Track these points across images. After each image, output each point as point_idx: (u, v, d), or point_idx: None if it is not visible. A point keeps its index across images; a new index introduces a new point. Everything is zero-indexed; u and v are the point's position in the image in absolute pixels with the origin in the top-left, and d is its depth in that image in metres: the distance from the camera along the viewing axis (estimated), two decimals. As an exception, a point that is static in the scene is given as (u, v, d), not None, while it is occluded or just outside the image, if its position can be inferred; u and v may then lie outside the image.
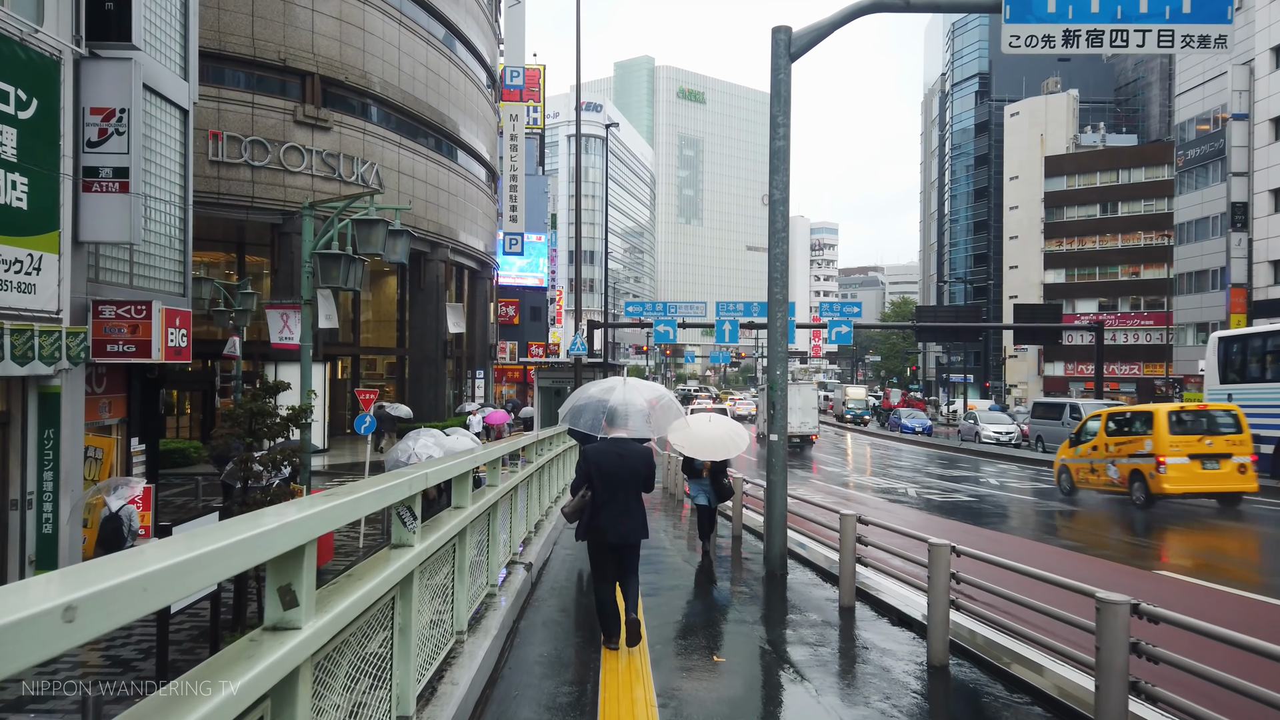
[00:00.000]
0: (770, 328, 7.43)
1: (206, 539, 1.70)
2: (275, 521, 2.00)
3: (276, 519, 2.05)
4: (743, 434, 8.53)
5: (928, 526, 12.18)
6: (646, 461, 5.82)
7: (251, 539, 1.82)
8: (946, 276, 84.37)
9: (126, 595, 1.30)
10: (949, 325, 38.12)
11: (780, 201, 7.39)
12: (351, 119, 27.42)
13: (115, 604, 1.27)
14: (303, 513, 2.19)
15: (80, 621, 1.18)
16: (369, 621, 2.83)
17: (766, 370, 7.62)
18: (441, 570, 4.06)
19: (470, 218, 35.97)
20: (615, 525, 5.65)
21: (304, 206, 11.01)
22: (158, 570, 1.41)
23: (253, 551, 1.84)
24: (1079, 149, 73.57)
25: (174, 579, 1.46)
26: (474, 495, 4.87)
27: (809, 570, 8.41)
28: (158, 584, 1.40)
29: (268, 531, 1.91)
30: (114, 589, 1.27)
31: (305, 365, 10.98)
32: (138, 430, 13.25)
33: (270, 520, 2.02)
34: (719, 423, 8.48)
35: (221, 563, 1.67)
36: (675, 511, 13.53)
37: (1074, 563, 10.11)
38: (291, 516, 2.12)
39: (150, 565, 1.40)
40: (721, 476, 9.30)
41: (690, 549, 10.21)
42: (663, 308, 35.23)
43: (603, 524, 5.64)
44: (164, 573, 1.42)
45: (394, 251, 11.26)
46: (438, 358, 32.41)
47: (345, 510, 2.46)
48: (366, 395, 13.56)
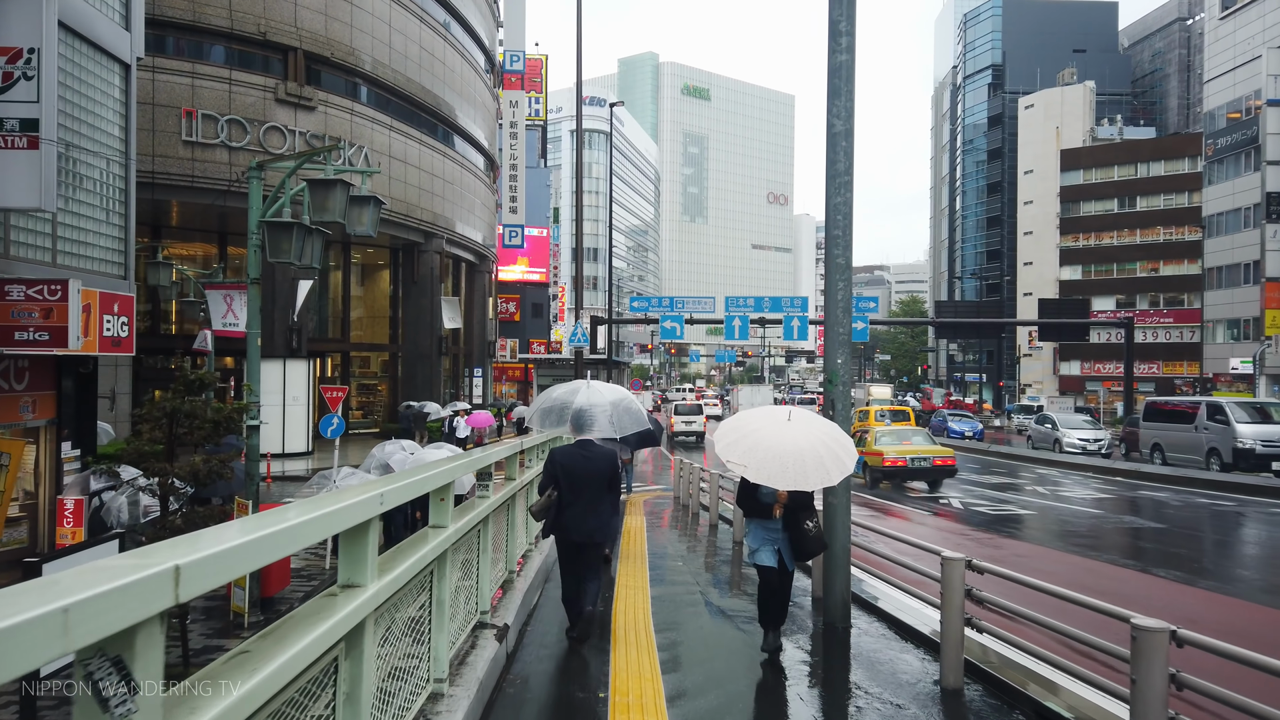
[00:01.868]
0: (828, 303, 5.62)
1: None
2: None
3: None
4: (846, 445, 5.39)
5: (1095, 581, 8.74)
6: (611, 464, 6.10)
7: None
8: (959, 273, 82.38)
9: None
10: (970, 321, 36.26)
11: (843, 135, 5.58)
12: (338, 98, 25.65)
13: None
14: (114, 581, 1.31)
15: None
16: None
17: (825, 359, 5.71)
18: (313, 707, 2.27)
19: (467, 207, 34.19)
20: (579, 524, 5.92)
21: (250, 167, 9.22)
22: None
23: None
24: (1096, 142, 71.63)
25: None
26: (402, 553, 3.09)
27: (876, 620, 6.50)
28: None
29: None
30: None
31: (252, 357, 9.20)
32: (71, 433, 11.47)
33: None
34: (805, 424, 5.31)
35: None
36: (693, 534, 11.67)
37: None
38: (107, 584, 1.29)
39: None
40: (805, 517, 5.66)
41: (731, 622, 6.64)
42: (669, 303, 33.46)
43: (567, 523, 5.93)
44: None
45: (359, 222, 9.45)
46: (432, 354, 30.63)
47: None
48: (334, 393, 11.76)
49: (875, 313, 35.96)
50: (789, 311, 33.05)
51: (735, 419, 5.39)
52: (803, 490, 5.06)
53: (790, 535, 5.60)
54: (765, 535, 5.67)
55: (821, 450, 5.00)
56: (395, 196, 27.90)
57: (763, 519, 5.65)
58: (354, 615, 2.33)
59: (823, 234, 55.54)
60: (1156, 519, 14.21)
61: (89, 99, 11.07)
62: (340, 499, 2.29)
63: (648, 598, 7.23)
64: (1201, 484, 18.74)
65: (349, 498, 2.33)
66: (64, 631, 1.21)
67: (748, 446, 5.06)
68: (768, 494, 5.55)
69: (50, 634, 1.18)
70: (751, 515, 5.75)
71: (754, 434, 5.14)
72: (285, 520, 1.97)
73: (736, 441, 5.18)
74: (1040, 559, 10.07)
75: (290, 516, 2.03)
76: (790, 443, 5.02)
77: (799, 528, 5.57)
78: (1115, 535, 12.49)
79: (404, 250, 31.08)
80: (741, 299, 33.46)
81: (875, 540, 7.76)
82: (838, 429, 5.33)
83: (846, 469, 5.11)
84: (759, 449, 5.00)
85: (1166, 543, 11.73)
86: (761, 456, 4.96)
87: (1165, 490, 18.54)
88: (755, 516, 5.70)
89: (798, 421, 5.26)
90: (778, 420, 5.27)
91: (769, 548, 5.64)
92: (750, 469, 4.99)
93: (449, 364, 36.07)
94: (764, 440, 5.03)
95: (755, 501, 5.63)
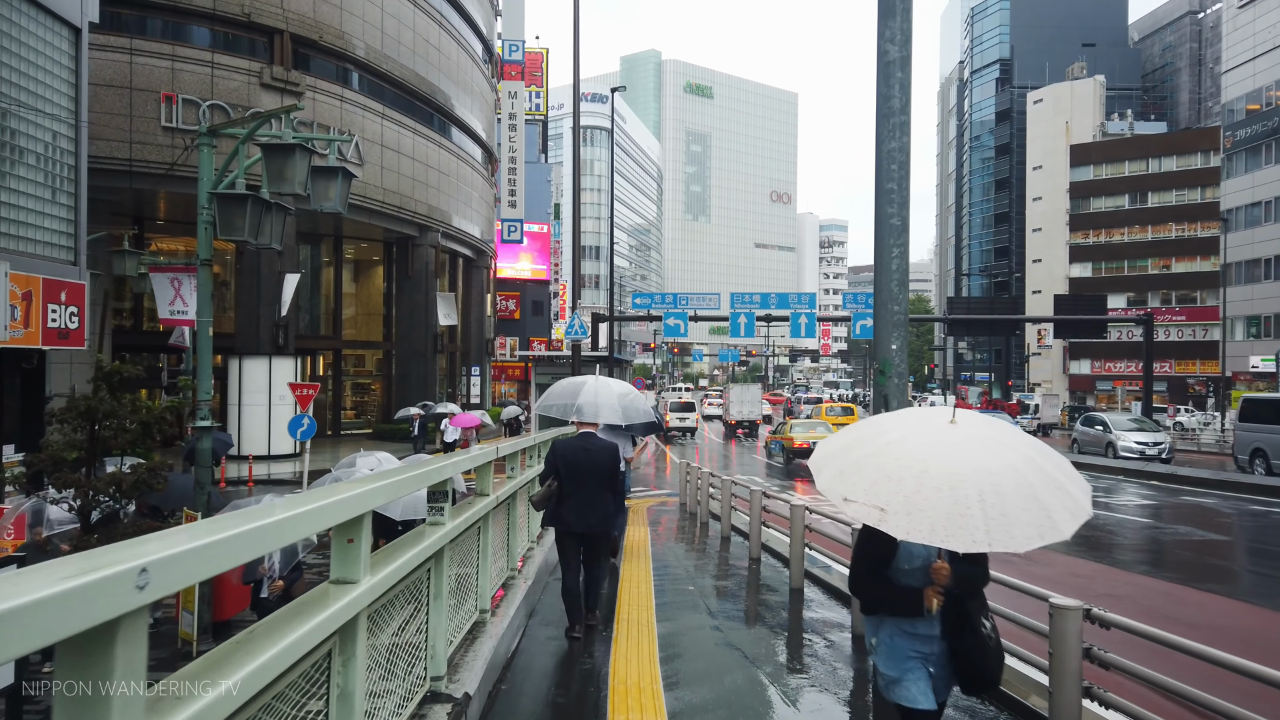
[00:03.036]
0: (879, 275, 4.45)
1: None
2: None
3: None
4: (1067, 470, 2.77)
5: (1181, 611, 7.43)
6: (612, 457, 6.14)
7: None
8: (966, 271, 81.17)
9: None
10: (985, 318, 35.09)
11: (898, 63, 4.42)
12: (327, 84, 24.54)
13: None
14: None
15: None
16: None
17: (876, 344, 4.46)
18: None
19: (464, 200, 33.07)
20: (580, 516, 5.94)
21: (201, 132, 8.11)
22: None
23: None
24: (1106, 137, 70.42)
25: None
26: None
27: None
28: None
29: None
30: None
31: (203, 350, 8.08)
32: (14, 434, 10.37)
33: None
34: (986, 433, 2.82)
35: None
36: (704, 548, 10.44)
37: None
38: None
39: None
40: (978, 611, 3.01)
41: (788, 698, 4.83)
42: (673, 299, 32.28)
43: (567, 514, 5.95)
44: None
45: (326, 196, 8.34)
46: (427, 352, 29.51)
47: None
48: (303, 390, 10.64)
49: (885, 309, 34.63)
50: (796, 308, 31.93)
51: (854, 429, 3.06)
52: (988, 551, 2.51)
53: (955, 646, 2.99)
54: (910, 649, 3.01)
55: (1033, 477, 2.59)
56: (388, 187, 26.81)
57: (902, 615, 3.01)
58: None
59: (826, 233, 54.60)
60: (1247, 535, 12.30)
61: (31, 64, 9.97)
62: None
63: (654, 645, 6.02)
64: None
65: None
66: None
67: (877, 473, 2.64)
68: (915, 564, 2.99)
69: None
70: (877, 607, 3.09)
71: (887, 449, 2.73)
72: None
73: (857, 464, 2.73)
74: (1105, 580, 8.92)
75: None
76: (966, 464, 2.61)
77: (970, 630, 2.96)
78: (1180, 549, 11.27)
79: (398, 244, 29.98)
80: (747, 295, 32.38)
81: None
82: (1042, 444, 2.85)
83: (1081, 512, 2.62)
84: (899, 475, 2.59)
85: (1266, 564, 10.42)
86: (907, 490, 2.55)
87: (1260, 502, 15.63)
88: (884, 610, 3.07)
89: (970, 427, 2.81)
90: (932, 425, 2.86)
91: (918, 672, 3.01)
92: (891, 514, 2.51)
93: (445, 362, 34.97)
94: (907, 460, 2.64)
95: (885, 584, 3.05)
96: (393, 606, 2.87)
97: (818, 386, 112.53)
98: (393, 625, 2.93)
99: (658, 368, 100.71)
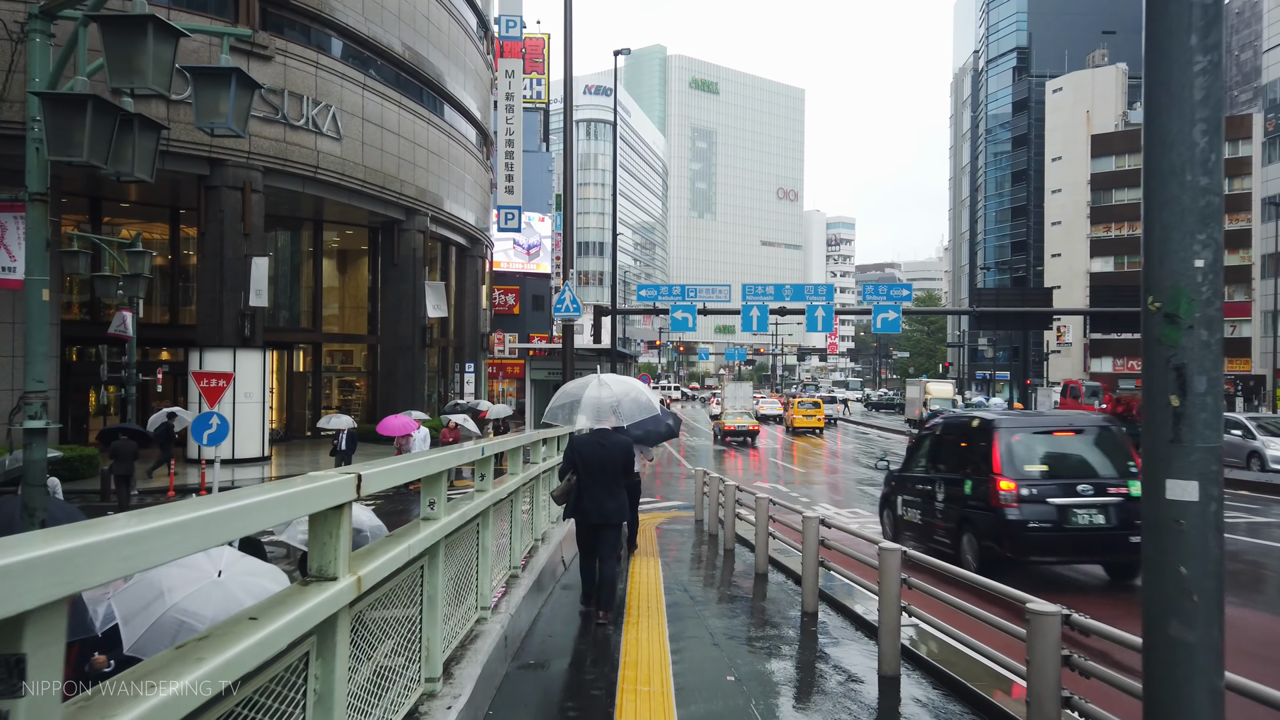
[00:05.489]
0: (1156, 121, 2.13)
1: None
2: None
3: None
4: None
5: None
6: (625, 451, 6.63)
7: None
8: (984, 264, 78.58)
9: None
10: (1014, 310, 32.56)
11: None
12: (301, 48, 22.22)
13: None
14: None
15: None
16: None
17: (1145, 266, 2.01)
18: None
19: (457, 184, 30.73)
20: (598, 507, 6.38)
21: (31, 15, 5.75)
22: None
23: None
24: (1129, 126, 67.84)
25: None
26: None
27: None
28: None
29: None
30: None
31: (33, 322, 5.74)
32: None
33: None
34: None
35: None
36: (739, 592, 7.83)
37: None
38: None
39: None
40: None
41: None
42: (680, 291, 29.84)
43: (586, 506, 6.40)
44: None
45: (215, 111, 6.03)
46: (414, 345, 27.16)
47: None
48: (212, 382, 8.25)
49: (909, 301, 32.34)
50: (813, 300, 29.48)
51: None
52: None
53: None
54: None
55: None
56: (370, 165, 24.47)
57: None
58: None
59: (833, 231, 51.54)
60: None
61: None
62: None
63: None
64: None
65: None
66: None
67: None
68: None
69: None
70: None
71: None
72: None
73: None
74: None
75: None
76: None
77: None
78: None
79: (383, 229, 27.65)
80: (760, 287, 29.94)
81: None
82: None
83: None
84: None
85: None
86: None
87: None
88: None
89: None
90: None
91: None
92: None
93: (436, 359, 32.64)
94: None
95: None
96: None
97: (827, 385, 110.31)
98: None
99: (662, 366, 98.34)
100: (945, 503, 9.14)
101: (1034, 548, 7.90)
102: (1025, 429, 8.68)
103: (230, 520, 1.62)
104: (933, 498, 9.46)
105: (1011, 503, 7.89)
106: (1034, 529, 7.82)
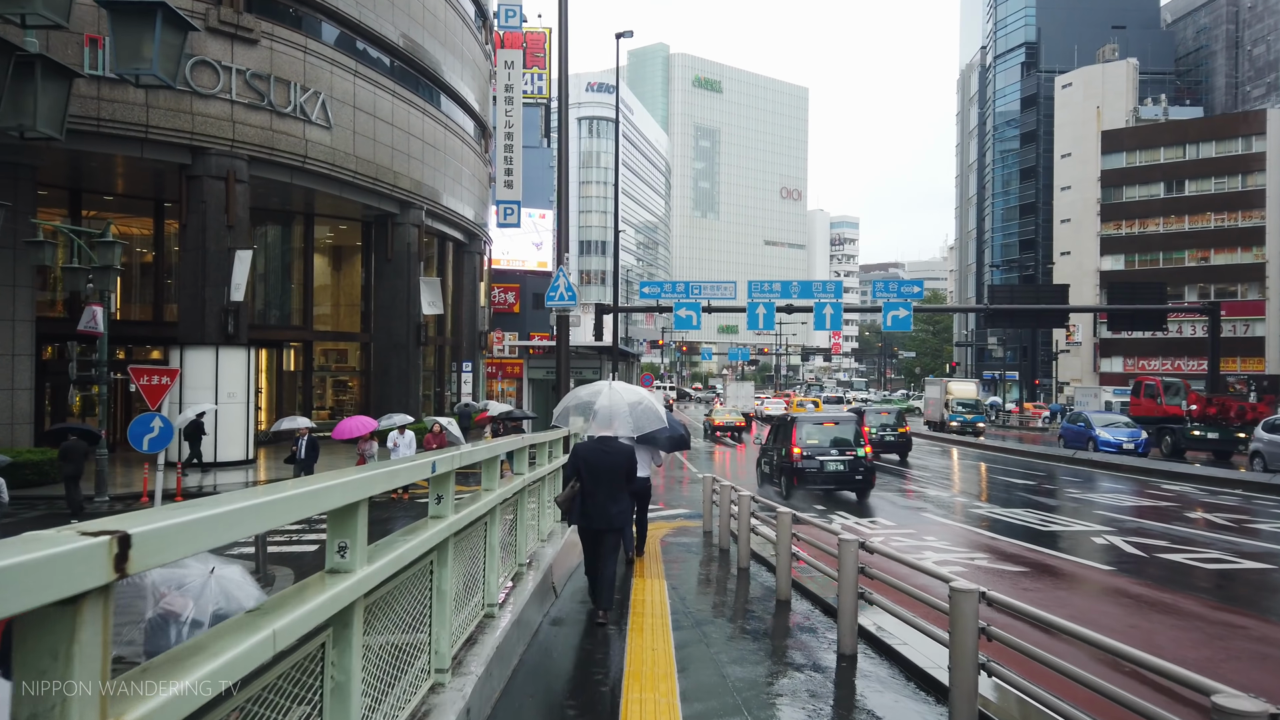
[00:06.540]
0: None
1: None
2: None
3: None
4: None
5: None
6: (628, 458, 6.73)
7: None
8: (992, 262, 77.44)
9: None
10: (1029, 307, 31.56)
11: None
12: (288, 32, 21.24)
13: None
14: None
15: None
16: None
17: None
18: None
19: (454, 177, 29.74)
20: (601, 513, 6.54)
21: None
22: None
23: None
24: (1139, 122, 66.70)
25: None
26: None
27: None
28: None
29: None
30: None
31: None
32: None
33: None
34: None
35: None
36: (761, 627, 6.64)
37: None
38: None
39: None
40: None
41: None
42: (684, 288, 28.85)
43: (589, 511, 6.57)
44: None
45: (139, 55, 5.07)
46: (408, 344, 26.17)
47: None
48: (153, 379, 7.27)
49: (920, 298, 31.31)
50: (821, 297, 28.49)
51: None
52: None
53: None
54: None
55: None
56: (362, 156, 23.50)
57: None
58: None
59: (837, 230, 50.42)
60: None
61: None
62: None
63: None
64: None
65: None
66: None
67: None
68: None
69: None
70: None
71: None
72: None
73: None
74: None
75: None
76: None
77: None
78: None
79: (377, 223, 26.67)
80: (766, 283, 29.00)
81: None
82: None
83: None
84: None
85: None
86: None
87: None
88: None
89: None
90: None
91: None
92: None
93: (432, 358, 31.67)
94: None
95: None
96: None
97: (831, 386, 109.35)
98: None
99: (665, 366, 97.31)
100: (775, 460, 16.29)
101: (808, 480, 15.14)
102: (809, 421, 16.47)
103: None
104: (772, 458, 16.71)
105: (799, 459, 15.15)
106: (808, 471, 15.06)
